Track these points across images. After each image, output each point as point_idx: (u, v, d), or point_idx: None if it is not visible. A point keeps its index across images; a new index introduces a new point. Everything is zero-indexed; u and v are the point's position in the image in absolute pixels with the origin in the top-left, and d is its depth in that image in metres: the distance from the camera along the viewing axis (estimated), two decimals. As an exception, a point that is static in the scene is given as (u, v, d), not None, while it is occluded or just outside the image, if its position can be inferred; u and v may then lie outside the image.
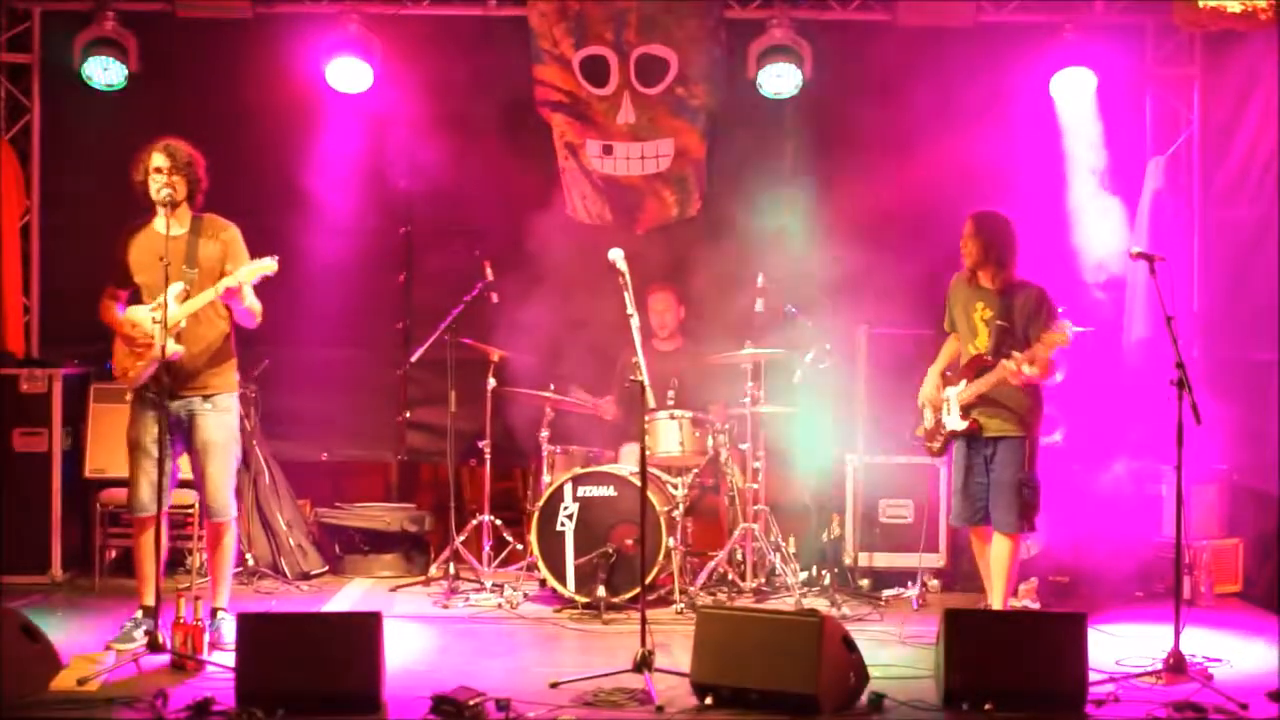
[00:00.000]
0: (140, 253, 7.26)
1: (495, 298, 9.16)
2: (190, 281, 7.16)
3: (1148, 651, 7.04)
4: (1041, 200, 9.62)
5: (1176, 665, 6.59)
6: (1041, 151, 9.72)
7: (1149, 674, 6.63)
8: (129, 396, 7.35)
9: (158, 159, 7.21)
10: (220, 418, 7.35)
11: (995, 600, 7.58)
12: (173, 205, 7.12)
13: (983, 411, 7.59)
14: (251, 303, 7.23)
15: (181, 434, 7.29)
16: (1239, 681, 6.60)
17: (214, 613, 7.30)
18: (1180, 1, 8.95)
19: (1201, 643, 7.24)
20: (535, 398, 9.14)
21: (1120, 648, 7.31)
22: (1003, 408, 7.54)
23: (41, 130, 9.95)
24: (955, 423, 7.67)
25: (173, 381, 7.14)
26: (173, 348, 7.06)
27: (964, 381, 7.65)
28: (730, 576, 8.81)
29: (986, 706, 6.05)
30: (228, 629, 7.16)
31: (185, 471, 7.48)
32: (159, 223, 7.22)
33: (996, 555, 7.60)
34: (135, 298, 7.30)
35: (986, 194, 9.27)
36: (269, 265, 7.16)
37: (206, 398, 7.30)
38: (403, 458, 10.30)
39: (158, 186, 7.15)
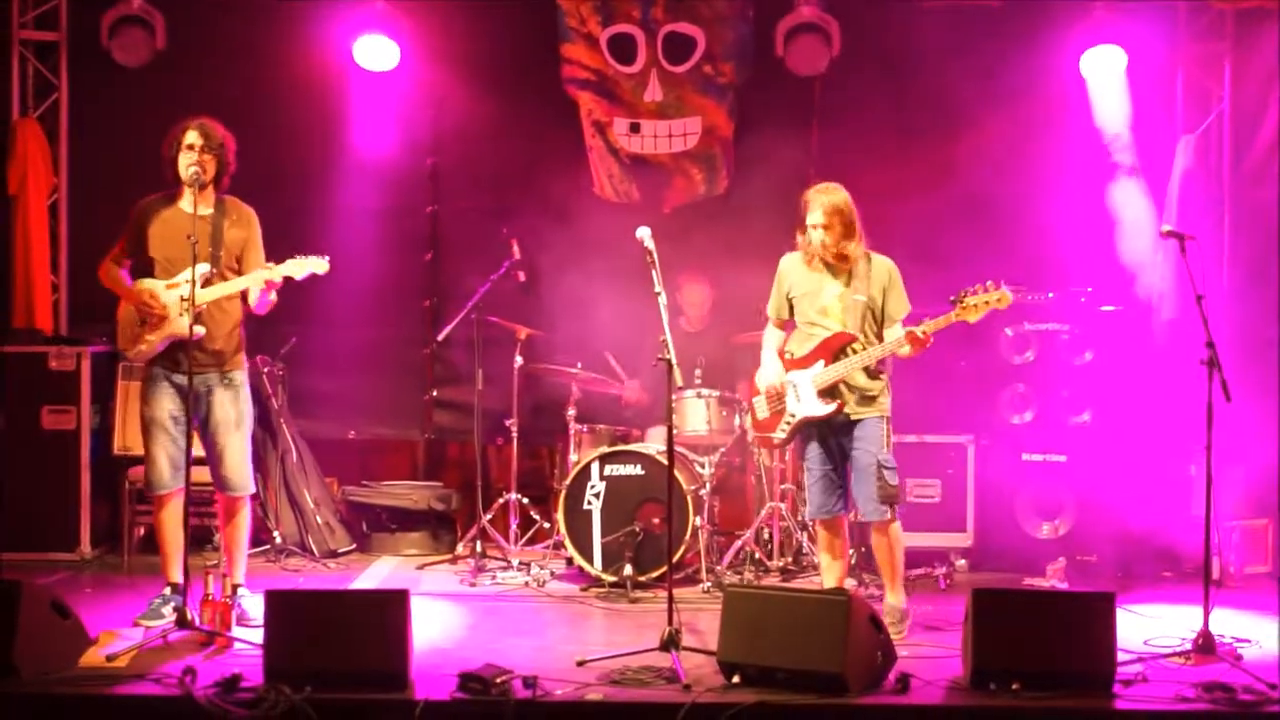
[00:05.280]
0: (164, 228, 7.23)
1: (522, 276, 9.16)
2: (216, 265, 7.17)
3: (1176, 632, 7.01)
4: (1070, 179, 9.59)
5: (1205, 645, 6.55)
6: (1071, 130, 9.66)
7: (1177, 654, 6.60)
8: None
9: (191, 136, 7.18)
10: (239, 392, 7.37)
11: (890, 596, 7.32)
12: (200, 185, 7.12)
13: (841, 393, 7.19)
14: (273, 296, 7.25)
15: (197, 409, 7.25)
16: (1268, 662, 6.55)
17: (234, 589, 7.30)
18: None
19: (1230, 623, 7.20)
20: (562, 376, 9.14)
21: (1149, 628, 7.27)
22: (858, 389, 7.17)
23: (69, 108, 9.98)
24: (815, 408, 7.18)
25: (192, 358, 7.03)
26: (198, 328, 7.06)
27: (820, 363, 7.19)
28: (757, 555, 8.80)
29: (1014, 686, 6.01)
30: (250, 605, 7.20)
31: (196, 448, 7.44)
32: (185, 201, 7.21)
33: (877, 548, 7.32)
34: (143, 270, 7.30)
35: (1015, 173, 9.25)
36: (321, 264, 7.17)
37: (224, 374, 7.31)
38: (430, 436, 10.32)
39: (187, 164, 7.12)
